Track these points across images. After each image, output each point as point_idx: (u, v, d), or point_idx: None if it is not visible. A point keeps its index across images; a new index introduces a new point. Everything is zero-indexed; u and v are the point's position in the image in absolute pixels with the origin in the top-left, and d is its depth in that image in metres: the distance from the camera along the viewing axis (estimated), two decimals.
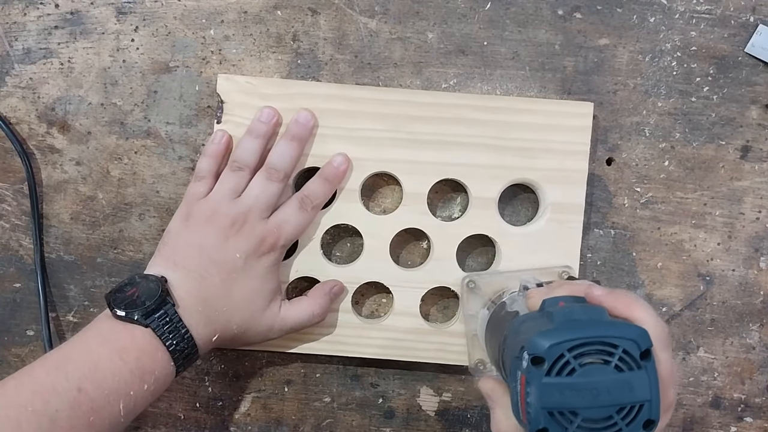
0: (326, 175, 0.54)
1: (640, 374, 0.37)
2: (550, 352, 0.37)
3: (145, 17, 0.57)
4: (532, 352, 0.37)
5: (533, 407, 0.37)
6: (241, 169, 0.52)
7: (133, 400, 0.45)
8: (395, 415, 0.60)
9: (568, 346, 0.37)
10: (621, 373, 0.37)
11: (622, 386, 0.37)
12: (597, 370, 0.37)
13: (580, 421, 0.37)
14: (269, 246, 0.51)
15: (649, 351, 0.38)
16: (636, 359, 0.37)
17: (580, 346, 0.37)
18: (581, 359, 0.37)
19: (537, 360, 0.37)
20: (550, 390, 0.37)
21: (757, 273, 0.59)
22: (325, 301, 0.54)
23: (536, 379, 0.37)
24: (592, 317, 0.39)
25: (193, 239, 0.50)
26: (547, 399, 0.37)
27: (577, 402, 0.37)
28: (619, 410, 0.37)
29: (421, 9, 0.57)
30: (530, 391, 0.37)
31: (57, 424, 0.42)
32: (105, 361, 0.45)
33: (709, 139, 0.58)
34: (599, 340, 0.37)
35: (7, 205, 0.58)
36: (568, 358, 0.37)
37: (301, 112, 0.54)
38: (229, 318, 0.50)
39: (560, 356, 0.37)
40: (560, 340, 0.37)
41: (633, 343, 0.37)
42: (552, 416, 0.37)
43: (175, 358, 0.47)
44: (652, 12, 0.57)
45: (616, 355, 0.37)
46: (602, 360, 0.37)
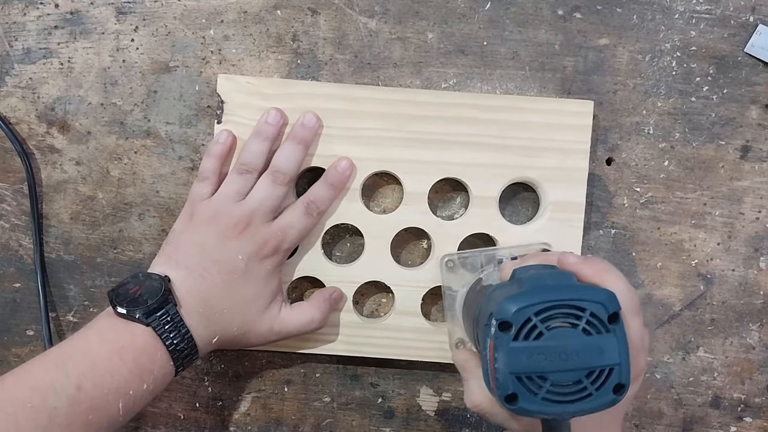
0: (331, 180, 0.54)
1: (608, 338, 0.37)
2: (516, 316, 0.37)
3: (145, 17, 0.57)
4: (500, 317, 0.37)
5: (501, 373, 0.37)
6: (249, 172, 0.52)
7: (132, 399, 0.45)
8: (395, 415, 0.60)
9: (535, 309, 0.37)
10: (589, 336, 0.37)
11: (590, 350, 0.37)
12: (565, 333, 0.37)
13: (549, 385, 0.37)
14: (272, 249, 0.51)
15: (618, 314, 0.37)
16: (604, 322, 0.37)
17: (547, 309, 0.37)
18: (549, 323, 0.37)
19: (504, 325, 0.37)
20: (518, 354, 0.37)
21: (756, 273, 0.59)
22: (325, 306, 0.54)
23: (504, 344, 0.37)
24: (561, 282, 0.39)
25: (194, 239, 0.50)
26: (515, 363, 0.37)
27: (545, 366, 0.37)
28: (589, 374, 0.37)
29: (421, 9, 0.57)
30: (498, 356, 0.37)
31: (55, 421, 0.42)
32: (104, 360, 0.45)
33: (709, 139, 0.58)
34: (567, 303, 0.37)
35: (7, 205, 0.58)
36: (535, 321, 0.37)
37: (306, 115, 0.53)
38: (229, 319, 0.50)
39: (527, 320, 0.37)
40: (527, 304, 0.37)
41: (601, 306, 0.37)
42: (521, 381, 0.37)
43: (175, 358, 0.47)
44: (652, 12, 0.57)
45: (583, 318, 0.37)
46: (570, 323, 0.37)
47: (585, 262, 0.42)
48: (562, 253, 0.43)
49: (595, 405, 0.37)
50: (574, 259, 0.42)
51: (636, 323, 0.41)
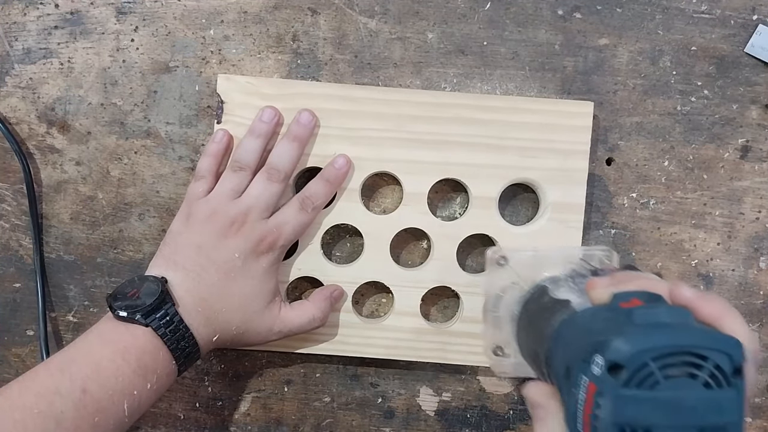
0: (327, 176, 0.54)
1: (729, 393, 0.32)
2: (633, 360, 0.32)
3: (145, 17, 0.57)
4: (611, 357, 0.32)
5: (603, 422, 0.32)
6: (242, 169, 0.52)
7: (137, 400, 0.45)
8: (395, 415, 0.60)
9: (655, 354, 0.32)
10: (709, 390, 0.32)
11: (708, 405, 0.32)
12: (683, 384, 0.32)
13: None
14: (268, 246, 0.51)
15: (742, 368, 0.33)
16: (728, 376, 0.32)
17: (667, 355, 0.32)
18: (666, 371, 0.32)
19: (615, 367, 0.32)
20: (628, 403, 0.32)
21: (756, 273, 0.59)
22: (326, 305, 0.54)
23: (612, 390, 0.32)
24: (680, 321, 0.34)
25: (192, 238, 0.50)
26: (622, 414, 0.32)
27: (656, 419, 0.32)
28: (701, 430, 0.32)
29: (421, 9, 0.57)
30: (602, 403, 0.32)
31: (62, 425, 0.42)
32: (107, 361, 0.45)
33: (709, 139, 0.58)
34: (689, 350, 0.32)
35: (7, 205, 0.58)
36: (653, 368, 0.32)
37: (302, 113, 0.54)
38: (228, 318, 0.50)
39: (644, 365, 0.32)
40: (646, 347, 0.32)
41: (726, 357, 0.32)
42: None
43: (177, 357, 0.47)
44: (651, 12, 0.57)
45: (706, 369, 0.32)
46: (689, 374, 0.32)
47: (703, 299, 0.37)
48: (675, 284, 0.38)
49: None
50: (690, 294, 0.37)
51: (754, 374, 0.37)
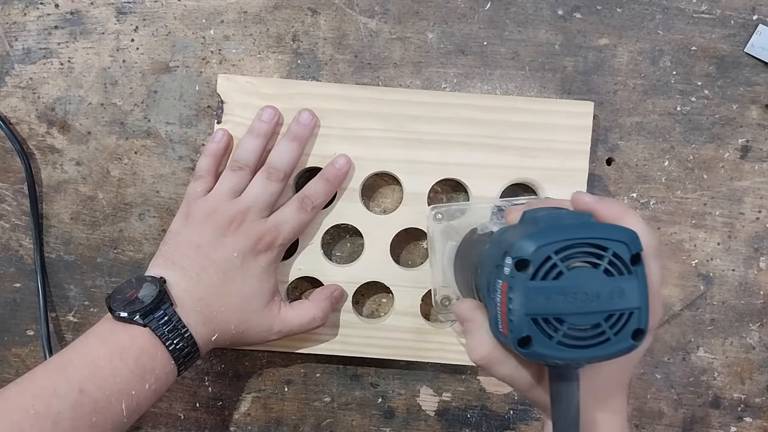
0: (327, 176, 0.54)
1: (630, 280, 0.35)
2: (536, 254, 0.34)
3: (145, 17, 0.57)
4: (517, 255, 0.35)
5: (516, 314, 0.35)
6: (241, 168, 0.52)
7: (135, 400, 0.45)
8: (395, 415, 0.60)
9: (556, 247, 0.34)
10: (611, 277, 0.35)
11: (611, 291, 0.35)
12: (585, 273, 0.35)
13: (566, 328, 0.35)
14: (266, 244, 0.51)
15: (640, 256, 0.35)
16: (626, 263, 0.35)
17: (568, 248, 0.35)
18: (569, 262, 0.35)
19: (522, 263, 0.35)
20: (536, 294, 0.34)
21: (757, 273, 0.59)
22: (326, 304, 0.54)
23: (520, 284, 0.34)
24: (581, 220, 0.37)
25: (191, 238, 0.50)
26: (531, 304, 0.34)
27: (563, 307, 0.34)
28: (608, 318, 0.35)
29: (421, 9, 0.57)
30: (513, 297, 0.35)
31: (59, 425, 0.42)
32: (104, 361, 0.45)
33: (709, 139, 0.58)
34: (588, 242, 0.35)
35: (7, 205, 0.58)
36: (556, 260, 0.34)
37: (302, 113, 0.54)
38: (227, 317, 0.50)
39: (547, 258, 0.34)
40: (547, 242, 0.34)
41: (624, 246, 0.35)
42: (536, 323, 0.35)
43: (176, 357, 0.47)
44: (651, 12, 0.57)
45: (606, 258, 0.35)
46: (591, 263, 0.35)
47: (602, 202, 0.40)
48: (576, 192, 0.41)
49: (612, 351, 0.35)
50: (590, 198, 0.40)
51: (656, 267, 0.39)
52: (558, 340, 0.35)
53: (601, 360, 0.36)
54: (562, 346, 0.35)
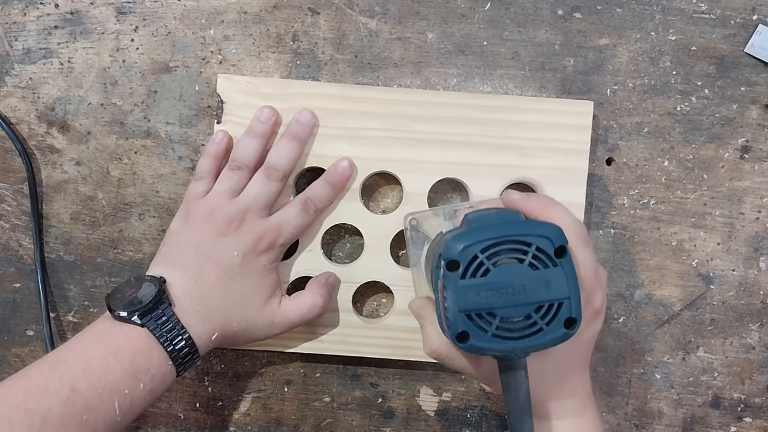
0: (331, 179, 0.54)
1: (556, 271, 0.37)
2: (463, 254, 0.37)
3: (145, 17, 0.57)
4: (447, 256, 0.37)
5: (451, 311, 0.37)
6: (239, 168, 0.52)
7: (128, 399, 0.45)
8: (395, 415, 0.60)
9: (481, 247, 0.37)
10: (536, 270, 0.37)
11: (538, 284, 0.37)
12: (512, 269, 0.37)
13: (499, 321, 0.37)
14: (267, 244, 0.51)
15: (564, 248, 0.38)
16: (550, 256, 0.37)
17: (493, 246, 0.37)
18: (495, 259, 0.37)
19: (452, 264, 0.37)
20: (466, 292, 0.37)
21: (757, 273, 0.59)
22: (324, 291, 0.54)
23: (452, 283, 0.37)
24: (507, 219, 0.40)
25: (191, 238, 0.50)
26: (463, 301, 0.37)
27: (493, 302, 0.37)
28: (538, 309, 0.37)
29: (421, 9, 0.57)
30: (447, 295, 0.37)
31: (49, 421, 0.42)
32: (98, 361, 0.45)
33: (709, 139, 0.58)
34: (512, 239, 0.37)
35: (7, 205, 0.58)
36: (482, 258, 0.37)
37: (301, 112, 0.54)
38: (228, 316, 0.50)
39: (474, 258, 0.37)
40: (473, 242, 0.37)
41: (547, 241, 0.37)
42: (470, 319, 0.37)
43: (173, 357, 0.47)
44: (652, 12, 0.57)
45: (529, 253, 0.37)
46: (517, 259, 0.38)
47: (529, 198, 0.42)
48: (505, 190, 0.43)
49: (546, 340, 0.38)
50: (518, 196, 0.42)
51: (586, 256, 0.41)
52: (492, 333, 0.37)
53: (537, 349, 0.38)
54: (497, 338, 0.38)
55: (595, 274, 0.42)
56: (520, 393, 0.39)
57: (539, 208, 0.42)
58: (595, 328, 0.43)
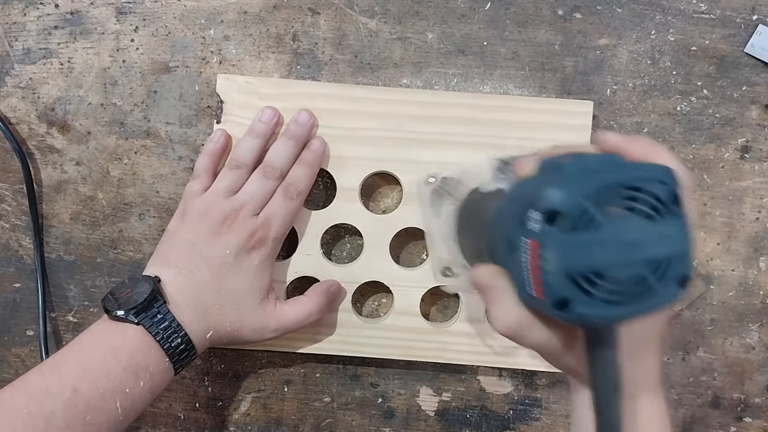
0: (306, 159, 0.53)
1: (672, 222, 0.32)
2: (569, 204, 0.30)
3: (145, 17, 0.57)
4: (547, 207, 0.31)
5: (552, 274, 0.31)
6: (238, 167, 0.52)
7: (130, 398, 0.45)
8: (395, 415, 0.60)
9: (589, 194, 0.31)
10: (651, 221, 0.31)
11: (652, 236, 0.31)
12: (623, 220, 0.31)
13: (608, 283, 0.31)
14: (258, 240, 0.51)
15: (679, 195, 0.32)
16: (666, 204, 0.31)
17: (602, 192, 0.31)
18: (604, 208, 0.31)
19: (552, 216, 0.31)
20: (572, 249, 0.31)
21: (756, 273, 0.59)
22: (322, 300, 0.54)
23: (554, 239, 0.31)
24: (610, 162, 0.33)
25: (186, 236, 0.50)
26: (569, 261, 0.31)
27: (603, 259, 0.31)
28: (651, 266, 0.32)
29: (421, 9, 0.57)
30: (547, 254, 0.31)
31: (52, 424, 0.42)
32: (98, 360, 0.45)
33: (709, 139, 0.58)
34: (623, 184, 0.31)
35: (7, 205, 0.58)
36: (590, 208, 0.31)
37: (301, 113, 0.54)
38: (221, 314, 0.50)
39: (580, 207, 0.31)
40: (580, 189, 0.31)
41: (660, 185, 0.31)
42: (574, 282, 0.31)
43: (170, 354, 0.47)
44: (652, 12, 0.57)
45: (643, 201, 0.31)
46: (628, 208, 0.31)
47: (630, 141, 0.36)
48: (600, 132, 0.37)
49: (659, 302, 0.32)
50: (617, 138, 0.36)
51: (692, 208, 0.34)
52: (601, 298, 0.31)
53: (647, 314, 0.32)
54: (605, 303, 0.31)
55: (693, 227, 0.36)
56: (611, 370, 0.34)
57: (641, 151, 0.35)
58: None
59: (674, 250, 0.32)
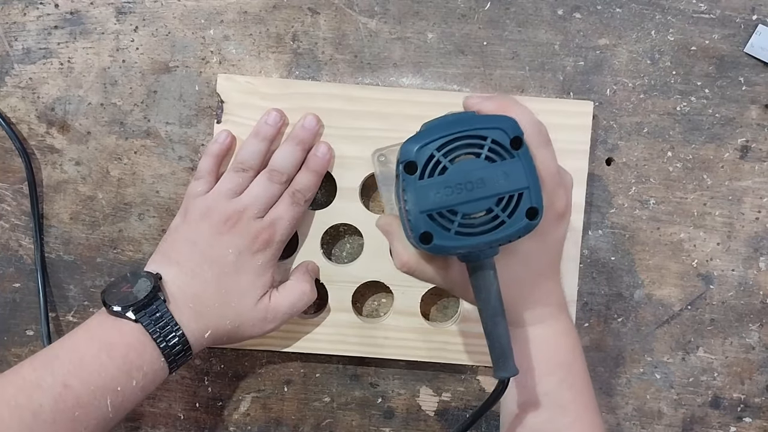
0: (313, 166, 0.54)
1: (513, 163, 0.37)
2: (419, 155, 0.37)
3: (145, 17, 0.57)
4: (403, 159, 0.37)
5: (413, 214, 0.37)
6: (244, 170, 0.52)
7: (121, 396, 0.45)
8: (395, 415, 0.60)
9: (437, 145, 0.37)
10: (493, 163, 0.37)
11: (496, 176, 0.37)
12: (469, 164, 0.37)
13: (461, 218, 0.37)
14: (263, 243, 0.51)
15: (520, 139, 0.38)
16: (506, 147, 0.37)
17: (448, 143, 0.37)
18: (451, 156, 0.37)
19: (409, 166, 0.37)
20: (425, 192, 0.37)
21: (756, 273, 0.59)
22: (309, 278, 0.54)
23: (411, 185, 0.37)
24: (461, 118, 0.39)
25: (188, 235, 0.50)
26: (423, 202, 0.37)
27: (453, 199, 0.37)
28: (498, 201, 0.37)
29: (421, 9, 0.57)
30: (408, 198, 0.37)
31: (40, 417, 0.42)
32: (91, 357, 0.45)
33: (709, 139, 0.58)
34: (466, 134, 0.37)
35: (7, 205, 0.58)
36: (438, 156, 0.37)
37: (307, 117, 0.54)
38: (221, 313, 0.50)
39: (430, 157, 0.37)
40: (427, 141, 0.37)
41: (502, 132, 0.37)
42: (432, 219, 0.37)
43: (166, 354, 0.47)
44: (651, 12, 0.57)
45: (485, 147, 0.37)
46: (473, 153, 0.38)
47: (488, 99, 0.42)
48: (467, 96, 0.43)
49: (509, 232, 0.38)
50: (477, 98, 0.42)
51: (546, 153, 0.41)
52: (455, 231, 0.37)
53: (502, 242, 0.38)
54: (461, 235, 0.37)
55: (556, 175, 0.41)
56: (491, 294, 0.39)
57: (497, 107, 0.41)
58: (561, 232, 0.43)
59: (515, 186, 0.37)
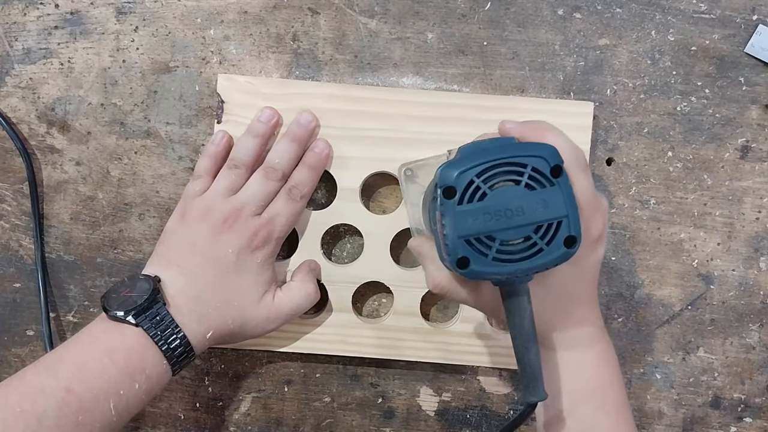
0: (310, 162, 0.54)
1: (553, 191, 0.38)
2: (459, 180, 0.37)
3: (145, 17, 0.57)
4: (442, 183, 0.37)
5: (450, 239, 0.37)
6: (237, 167, 0.52)
7: (124, 400, 0.45)
8: (395, 415, 0.60)
9: (476, 171, 0.37)
10: (533, 191, 0.38)
11: (535, 204, 0.37)
12: (508, 191, 0.38)
13: (498, 244, 0.37)
14: (262, 240, 0.51)
15: (560, 167, 0.38)
16: (546, 176, 0.38)
17: (488, 169, 0.37)
18: (491, 182, 0.38)
19: (448, 191, 0.37)
20: (464, 217, 0.37)
21: (757, 273, 0.59)
22: (311, 277, 0.54)
23: (450, 210, 0.37)
24: (501, 144, 0.40)
25: (186, 237, 0.50)
26: (461, 227, 0.37)
27: (492, 225, 0.37)
28: (537, 229, 0.38)
29: (421, 9, 0.57)
30: (446, 223, 0.38)
31: (44, 423, 0.42)
32: (93, 361, 0.45)
33: (709, 139, 0.58)
34: (506, 161, 0.38)
35: (7, 205, 0.58)
36: (478, 182, 0.37)
37: (303, 114, 0.54)
38: (223, 313, 0.50)
39: (470, 182, 0.37)
40: (468, 167, 0.37)
41: (542, 160, 0.38)
42: (470, 244, 0.37)
43: (168, 357, 0.47)
44: (651, 12, 0.57)
45: (525, 174, 0.37)
46: (513, 181, 0.38)
47: (525, 125, 0.42)
48: (503, 121, 0.43)
49: (546, 260, 0.38)
50: (513, 124, 0.42)
51: (583, 180, 0.41)
52: (493, 257, 0.38)
53: (539, 270, 0.38)
54: (498, 262, 0.38)
55: (593, 200, 0.42)
56: (524, 319, 0.39)
57: (534, 133, 0.41)
58: (597, 257, 0.43)
59: (554, 214, 0.38)
